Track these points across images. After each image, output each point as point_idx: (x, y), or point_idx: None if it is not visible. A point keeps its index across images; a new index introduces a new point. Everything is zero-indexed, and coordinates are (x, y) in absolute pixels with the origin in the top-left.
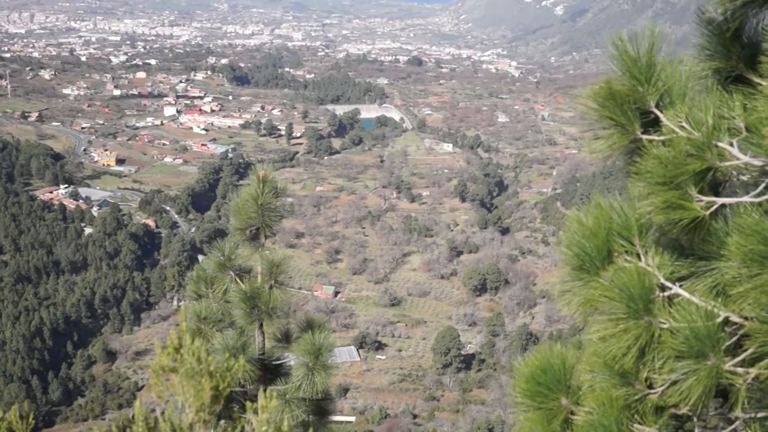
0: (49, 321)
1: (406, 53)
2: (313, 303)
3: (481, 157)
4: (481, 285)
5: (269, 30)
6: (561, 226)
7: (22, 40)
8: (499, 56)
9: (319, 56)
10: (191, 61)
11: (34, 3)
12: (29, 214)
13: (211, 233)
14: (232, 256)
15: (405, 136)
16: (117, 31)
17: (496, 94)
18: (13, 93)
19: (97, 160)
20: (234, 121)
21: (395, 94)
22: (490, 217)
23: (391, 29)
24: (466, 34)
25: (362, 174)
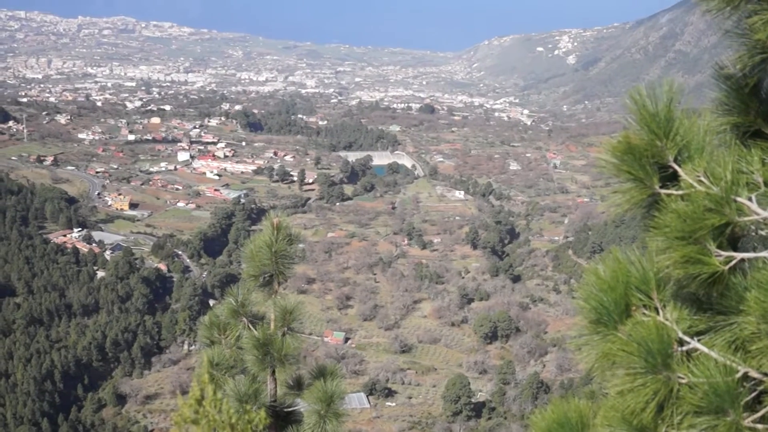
0: (60, 364)
1: (419, 101)
2: (323, 349)
3: (493, 205)
4: (492, 333)
5: (283, 77)
6: (573, 274)
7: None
8: (511, 104)
9: (332, 103)
10: (205, 107)
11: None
12: (43, 257)
13: (223, 278)
14: (245, 302)
15: (417, 183)
16: (133, 77)
17: (508, 142)
18: (29, 137)
19: (110, 204)
20: (247, 166)
21: (407, 141)
22: (502, 265)
23: (404, 77)
24: (478, 82)
25: (374, 220)
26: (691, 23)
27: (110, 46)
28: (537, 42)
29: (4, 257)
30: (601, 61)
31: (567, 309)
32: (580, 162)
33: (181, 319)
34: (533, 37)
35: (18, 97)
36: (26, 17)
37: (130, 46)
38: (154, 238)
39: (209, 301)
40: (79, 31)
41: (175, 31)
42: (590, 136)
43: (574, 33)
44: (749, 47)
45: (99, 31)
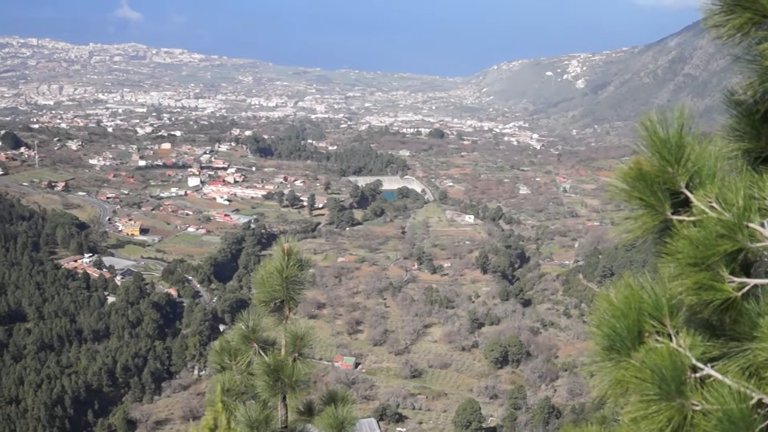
0: (71, 389)
1: (428, 125)
2: (333, 374)
3: (503, 229)
4: (503, 357)
5: (293, 102)
6: (583, 298)
7: (50, 111)
8: (520, 128)
9: (341, 128)
10: (215, 132)
11: (63, 76)
12: (53, 283)
13: (233, 303)
14: (256, 328)
15: (426, 207)
16: (143, 103)
17: (518, 166)
18: (40, 163)
19: (121, 230)
20: (257, 191)
21: (417, 165)
22: (512, 289)
23: (414, 102)
24: (487, 106)
25: (384, 245)
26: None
27: (121, 72)
28: (546, 66)
29: (15, 283)
30: (610, 85)
31: (578, 333)
32: (590, 186)
33: (191, 344)
34: (542, 61)
35: (30, 123)
36: (38, 44)
37: (140, 72)
38: (165, 264)
39: (219, 326)
40: (91, 57)
41: (185, 58)
42: (600, 160)
43: (583, 57)
44: (760, 74)
45: (110, 57)
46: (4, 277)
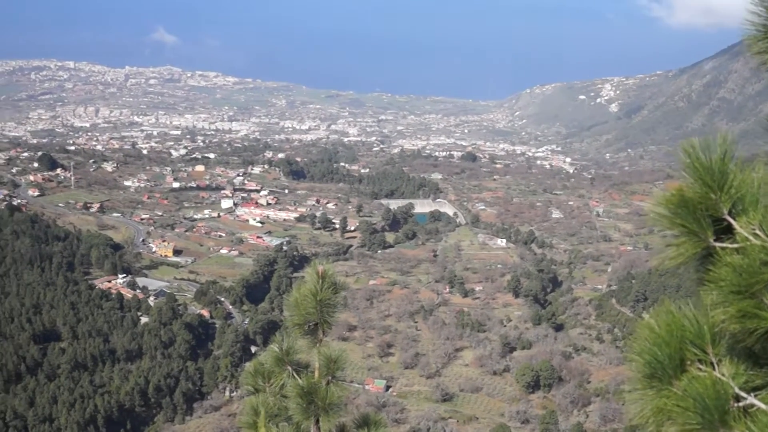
0: (104, 409)
1: (461, 149)
2: (364, 397)
3: (535, 253)
4: (535, 382)
5: (326, 125)
6: (616, 323)
7: (86, 133)
8: (553, 152)
9: (374, 151)
10: (249, 155)
11: (100, 98)
12: (88, 303)
13: (265, 325)
14: (290, 350)
15: (458, 230)
16: (178, 126)
17: (551, 190)
18: (76, 184)
19: (155, 251)
20: (289, 214)
21: (449, 189)
22: (544, 313)
23: (446, 125)
24: (520, 130)
25: (415, 268)
26: (735, 71)
27: (156, 95)
28: (579, 90)
29: (50, 302)
30: (644, 109)
31: (610, 358)
32: (624, 210)
33: (223, 365)
34: (575, 85)
35: (66, 145)
36: (75, 67)
37: (175, 95)
38: (197, 285)
39: (251, 348)
40: (126, 80)
41: (219, 81)
42: (633, 184)
43: (616, 81)
44: None
45: (146, 80)
46: (40, 296)
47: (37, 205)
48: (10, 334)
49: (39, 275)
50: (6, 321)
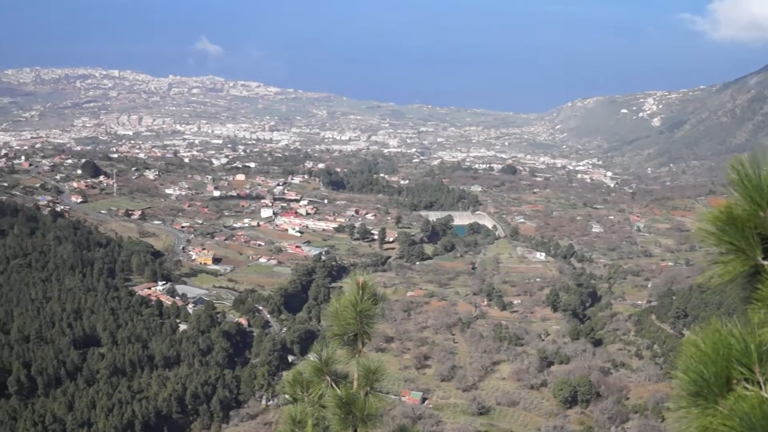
0: (141, 414)
1: (501, 161)
2: (400, 408)
3: (574, 267)
4: (572, 397)
5: (366, 136)
6: (656, 339)
7: (129, 141)
8: (594, 166)
9: (413, 163)
10: (289, 164)
11: (143, 107)
12: (127, 309)
13: (302, 334)
14: (329, 360)
15: (497, 243)
16: (219, 135)
17: (591, 204)
18: (118, 191)
19: (194, 259)
20: (328, 224)
21: (488, 201)
22: (583, 328)
23: (486, 137)
24: (561, 143)
25: (453, 280)
26: None
27: (199, 104)
28: (621, 104)
29: (90, 308)
30: (686, 123)
31: (650, 375)
32: (665, 225)
33: (260, 373)
34: (617, 98)
35: (109, 152)
36: (120, 76)
37: (218, 104)
38: (236, 293)
39: (288, 357)
40: (170, 89)
41: (261, 91)
42: (675, 200)
43: (659, 95)
44: None
45: (188, 89)
46: (81, 302)
47: (80, 212)
48: (51, 339)
49: (80, 281)
50: (47, 326)
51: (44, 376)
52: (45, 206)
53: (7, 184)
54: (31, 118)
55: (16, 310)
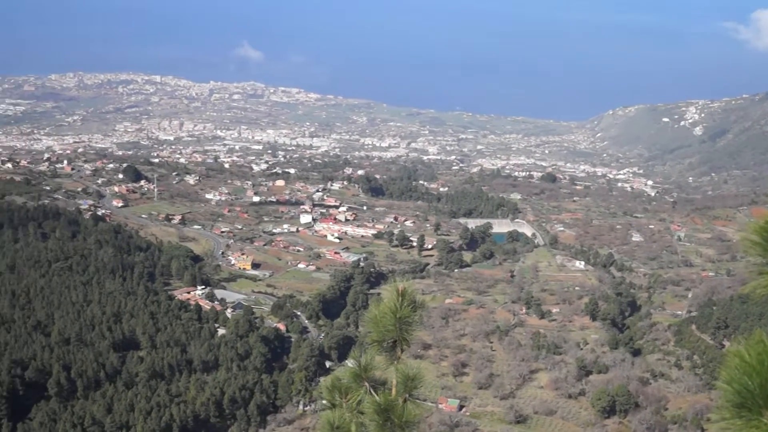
0: (179, 418)
1: (541, 169)
2: (437, 416)
3: (614, 276)
4: (610, 407)
5: (405, 143)
6: (695, 350)
7: (170, 146)
8: (635, 175)
9: (453, 170)
10: (329, 171)
11: (184, 112)
12: (167, 313)
13: (340, 340)
14: (368, 366)
15: (536, 251)
16: (260, 141)
17: (631, 213)
18: (159, 196)
19: (233, 264)
20: (367, 230)
21: (528, 209)
22: (622, 338)
23: (527, 145)
24: (601, 151)
25: (492, 288)
26: None
27: (239, 110)
28: (663, 112)
29: (130, 311)
30: (729, 132)
31: (689, 385)
32: (706, 235)
33: (297, 379)
34: (659, 107)
35: (150, 157)
36: (161, 81)
37: (258, 110)
38: (274, 298)
39: (326, 363)
40: (211, 95)
41: (302, 97)
42: (716, 209)
43: (701, 104)
44: None
45: (229, 95)
46: (121, 305)
47: (121, 216)
48: (91, 342)
49: (120, 284)
50: (87, 328)
51: (84, 378)
52: (86, 210)
53: (49, 188)
54: (73, 122)
55: (57, 312)
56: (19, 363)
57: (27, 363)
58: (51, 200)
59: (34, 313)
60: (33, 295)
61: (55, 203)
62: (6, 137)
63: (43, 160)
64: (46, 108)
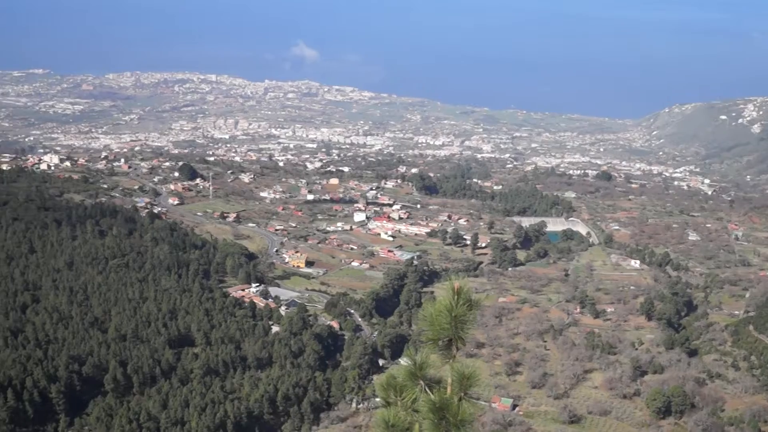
0: (233, 414)
1: (596, 167)
2: (490, 414)
3: (670, 276)
4: (666, 407)
5: (459, 141)
6: (753, 350)
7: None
8: (691, 173)
9: (507, 168)
10: (382, 169)
11: (239, 111)
12: (221, 310)
13: (393, 338)
14: (423, 365)
15: (591, 250)
16: (314, 139)
17: (687, 212)
18: (214, 194)
19: (287, 261)
20: (421, 229)
21: (582, 208)
22: (677, 338)
23: (581, 143)
24: (657, 150)
25: (546, 287)
26: None
27: (294, 108)
28: (720, 110)
29: (185, 308)
30: None
31: (746, 387)
32: (764, 234)
33: (350, 377)
34: (716, 105)
35: (206, 155)
36: (217, 80)
37: (312, 109)
38: (328, 296)
39: (379, 361)
40: (266, 94)
41: (356, 95)
42: None
43: (759, 101)
44: None
45: (284, 94)
46: (176, 302)
47: (176, 214)
48: (147, 338)
49: (176, 281)
50: (143, 325)
51: (140, 374)
52: (143, 208)
53: (107, 186)
54: (130, 121)
55: (114, 309)
56: (76, 359)
57: (84, 359)
58: (108, 198)
59: (92, 309)
60: (90, 291)
61: (112, 201)
62: (64, 136)
63: (100, 159)
64: (103, 107)
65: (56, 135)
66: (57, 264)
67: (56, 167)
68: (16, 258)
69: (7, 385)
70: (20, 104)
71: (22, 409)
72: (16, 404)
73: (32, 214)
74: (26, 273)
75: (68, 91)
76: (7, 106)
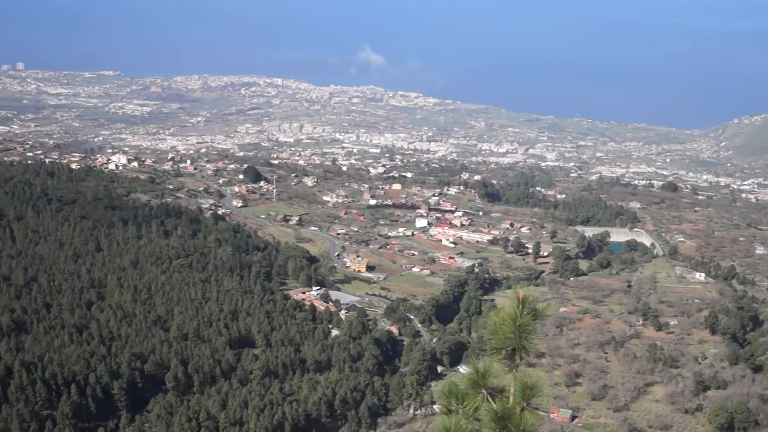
0: (291, 416)
1: (661, 178)
2: (548, 425)
3: (735, 289)
4: (729, 424)
5: (523, 149)
6: None
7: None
8: (760, 185)
9: (571, 177)
10: (445, 175)
11: (304, 115)
12: (282, 312)
13: (452, 346)
14: (486, 373)
15: (655, 262)
16: (377, 144)
17: (755, 225)
18: (277, 197)
19: (348, 266)
20: (482, 236)
21: (647, 218)
22: (742, 353)
23: (647, 153)
24: (725, 161)
25: (608, 298)
26: None
27: (358, 113)
28: None
29: (246, 310)
30: None
31: None
32: None
33: (408, 382)
34: None
35: (270, 158)
36: (282, 84)
37: (376, 114)
38: (388, 301)
39: (437, 368)
40: (330, 98)
41: (420, 101)
42: None
43: None
44: None
45: (349, 99)
46: (237, 303)
47: (240, 216)
48: (208, 338)
49: (238, 283)
50: (205, 325)
51: (200, 374)
52: (207, 209)
53: (172, 187)
54: (197, 123)
55: (177, 308)
56: (138, 356)
57: (146, 356)
58: (174, 199)
59: (155, 308)
60: (154, 290)
61: (178, 202)
62: (133, 137)
63: (167, 160)
64: (171, 109)
65: (125, 135)
66: (122, 262)
67: (124, 167)
68: (83, 255)
69: (71, 380)
70: (90, 105)
71: (84, 405)
72: (79, 399)
73: (99, 213)
74: (92, 271)
75: (137, 92)
76: (78, 106)
